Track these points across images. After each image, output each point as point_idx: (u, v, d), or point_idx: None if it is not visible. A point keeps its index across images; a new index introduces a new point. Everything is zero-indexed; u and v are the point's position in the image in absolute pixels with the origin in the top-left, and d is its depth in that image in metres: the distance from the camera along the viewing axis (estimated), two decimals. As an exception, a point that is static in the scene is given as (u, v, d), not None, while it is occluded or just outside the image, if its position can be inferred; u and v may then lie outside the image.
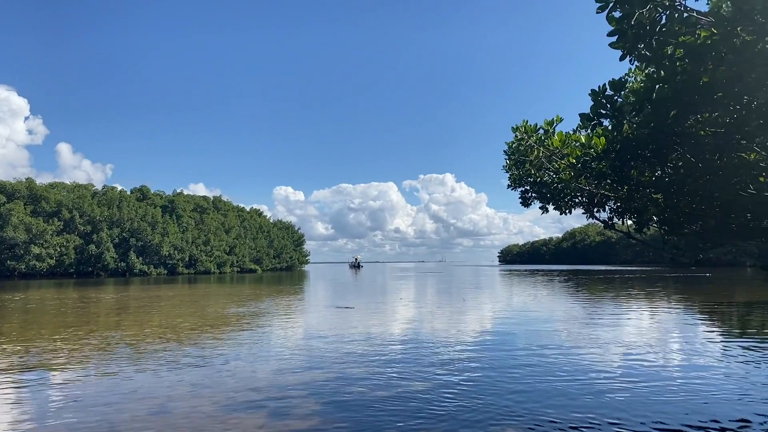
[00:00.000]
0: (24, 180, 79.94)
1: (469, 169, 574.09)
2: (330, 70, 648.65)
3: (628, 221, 8.12)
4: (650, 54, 4.30)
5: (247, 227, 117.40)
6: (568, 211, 8.33)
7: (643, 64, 6.07)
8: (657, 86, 4.68)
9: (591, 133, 6.45)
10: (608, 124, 5.68)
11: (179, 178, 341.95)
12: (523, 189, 8.71)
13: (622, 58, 4.39)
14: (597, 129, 5.95)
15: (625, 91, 5.36)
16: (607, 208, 8.11)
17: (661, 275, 60.27)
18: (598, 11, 4.19)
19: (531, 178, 8.28)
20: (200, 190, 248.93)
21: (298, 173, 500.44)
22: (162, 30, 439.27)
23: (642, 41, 4.19)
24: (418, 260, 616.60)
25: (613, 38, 4.27)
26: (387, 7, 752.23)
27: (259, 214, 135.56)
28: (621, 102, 5.19)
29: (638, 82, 6.69)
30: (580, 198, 8.05)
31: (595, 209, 8.07)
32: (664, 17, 4.09)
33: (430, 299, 30.12)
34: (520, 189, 8.76)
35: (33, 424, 7.35)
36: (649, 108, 4.85)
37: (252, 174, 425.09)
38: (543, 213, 8.83)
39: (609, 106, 5.05)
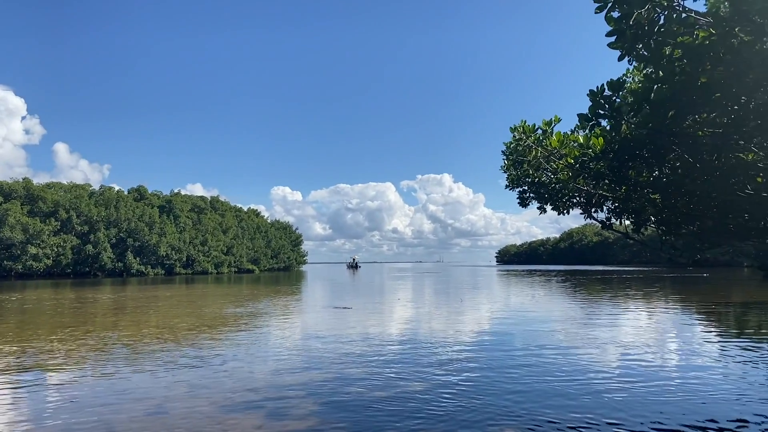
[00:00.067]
0: (21, 180, 79.77)
1: (466, 170, 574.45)
2: (328, 69, 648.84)
3: (625, 221, 8.13)
4: (649, 54, 4.30)
5: (245, 227, 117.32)
6: (566, 212, 8.34)
7: (641, 64, 6.09)
8: (655, 87, 4.68)
9: (589, 134, 6.46)
10: (606, 124, 5.69)
11: (177, 178, 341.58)
12: (521, 189, 8.71)
13: (621, 58, 4.39)
14: (595, 129, 5.96)
15: (623, 91, 5.37)
16: (605, 208, 8.12)
17: (658, 275, 60.40)
18: (597, 11, 4.19)
19: (529, 179, 8.29)
20: (198, 190, 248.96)
21: (295, 173, 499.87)
22: (160, 30, 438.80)
23: (640, 41, 4.19)
24: (416, 260, 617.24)
25: (612, 38, 4.27)
26: (385, 7, 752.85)
27: (257, 214, 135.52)
28: (619, 102, 5.19)
29: (636, 82, 6.70)
30: (578, 198, 8.05)
31: (593, 209, 8.08)
32: (662, 17, 4.10)
33: (428, 299, 30.12)
34: (518, 189, 8.77)
35: (30, 425, 7.32)
36: (647, 108, 4.85)
37: (249, 174, 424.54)
38: (541, 213, 8.83)
39: (607, 106, 5.06)
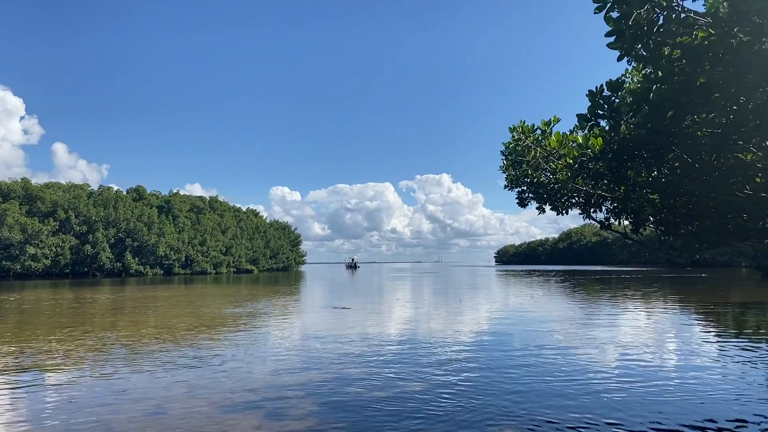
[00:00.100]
0: (19, 180, 79.66)
1: (465, 170, 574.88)
2: (326, 69, 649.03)
3: (624, 222, 8.13)
4: (648, 54, 4.30)
5: (244, 227, 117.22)
6: (564, 212, 8.34)
7: (640, 64, 6.09)
8: (654, 87, 4.69)
9: (588, 134, 6.46)
10: (605, 124, 5.69)
11: (175, 178, 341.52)
12: (520, 189, 8.71)
13: (620, 58, 4.39)
14: (594, 129, 5.96)
15: (622, 91, 5.37)
16: (604, 208, 8.12)
17: (657, 275, 60.44)
18: (596, 11, 4.19)
19: (528, 179, 8.29)
20: (196, 190, 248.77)
21: (294, 173, 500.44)
22: (158, 30, 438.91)
23: (640, 41, 4.19)
24: (415, 261, 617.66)
25: (611, 38, 4.28)
26: (384, 7, 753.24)
27: (256, 214, 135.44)
28: (618, 103, 5.20)
29: (635, 82, 6.71)
30: (577, 198, 8.06)
31: (592, 210, 8.08)
32: (661, 18, 4.10)
33: (427, 300, 30.12)
34: (517, 189, 8.77)
35: (28, 426, 7.31)
36: (646, 109, 4.86)
37: (248, 174, 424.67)
38: (540, 213, 8.83)
39: (606, 106, 5.06)
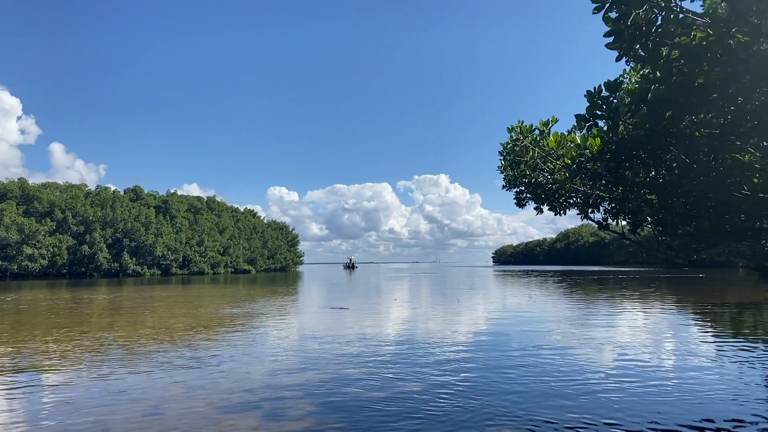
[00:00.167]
0: (16, 180, 79.48)
1: (463, 170, 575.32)
2: (324, 70, 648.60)
3: (622, 222, 8.15)
4: (646, 55, 4.31)
5: (241, 228, 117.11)
6: (562, 212, 8.35)
7: (638, 65, 6.10)
8: (652, 87, 4.69)
9: (586, 134, 6.46)
10: (603, 125, 5.70)
11: (173, 178, 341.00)
12: (518, 190, 8.71)
13: (619, 58, 4.39)
14: (592, 130, 5.97)
15: (620, 92, 5.38)
16: (602, 209, 8.13)
17: (654, 276, 60.56)
18: (595, 12, 4.19)
19: (526, 179, 8.30)
20: (194, 190, 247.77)
21: (292, 174, 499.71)
22: (156, 30, 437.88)
23: (638, 42, 4.19)
24: (413, 261, 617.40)
25: (610, 39, 4.28)
26: (382, 7, 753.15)
27: (253, 214, 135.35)
28: (616, 103, 5.20)
29: (633, 83, 6.72)
30: (575, 199, 8.07)
31: (590, 210, 8.09)
32: (660, 18, 4.10)
33: (425, 300, 30.12)
34: (515, 190, 8.78)
35: (25, 427, 7.28)
36: (644, 109, 4.86)
37: (246, 174, 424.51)
38: (538, 214, 8.84)
39: (605, 107, 5.06)
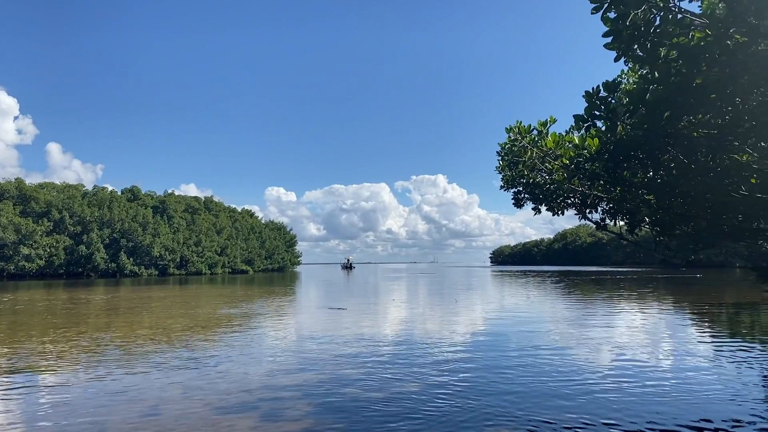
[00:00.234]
0: (13, 180, 79.31)
1: (461, 171, 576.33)
2: (322, 70, 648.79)
3: (620, 222, 8.15)
4: (645, 55, 4.30)
5: (239, 228, 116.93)
6: (560, 212, 8.34)
7: (636, 65, 6.10)
8: (651, 88, 4.69)
9: (585, 134, 6.46)
10: (602, 125, 5.69)
11: (170, 178, 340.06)
12: (516, 190, 8.71)
13: (617, 59, 4.39)
14: (591, 130, 5.97)
15: (618, 92, 5.38)
16: (600, 209, 8.13)
17: (652, 276, 60.66)
18: (593, 12, 4.19)
19: (524, 179, 8.29)
20: (191, 190, 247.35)
21: (290, 174, 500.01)
22: (154, 30, 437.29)
23: (637, 42, 4.19)
24: (410, 261, 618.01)
25: (608, 39, 4.27)
26: (380, 7, 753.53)
27: (251, 214, 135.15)
28: (615, 103, 5.20)
29: (631, 83, 6.72)
30: (573, 199, 8.07)
31: (588, 210, 8.09)
32: (658, 18, 4.10)
33: (423, 300, 30.12)
34: (513, 190, 8.77)
35: (22, 428, 7.25)
36: (642, 109, 4.86)
37: (244, 174, 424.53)
38: (536, 214, 8.83)
39: (603, 107, 5.06)
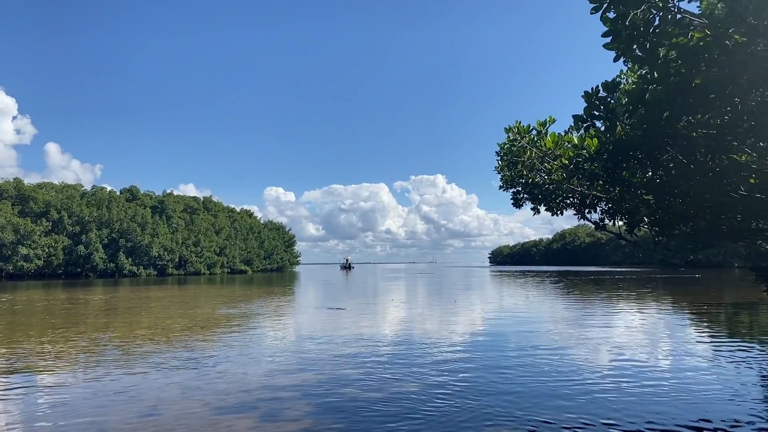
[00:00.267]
0: (12, 180, 79.23)
1: (460, 171, 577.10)
2: (321, 70, 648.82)
3: (619, 222, 8.15)
4: (644, 55, 4.30)
5: (238, 228, 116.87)
6: (559, 212, 8.35)
7: (635, 65, 6.10)
8: (650, 88, 4.69)
9: (584, 135, 6.46)
10: (601, 125, 5.69)
11: (169, 178, 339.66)
12: (515, 190, 8.71)
13: (617, 59, 4.39)
14: (590, 130, 5.97)
15: (617, 92, 5.38)
16: (599, 209, 8.13)
17: (650, 276, 60.71)
18: (592, 12, 4.19)
19: (523, 179, 8.29)
20: (190, 190, 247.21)
21: (289, 174, 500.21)
22: (152, 29, 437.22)
23: (636, 42, 4.19)
24: (409, 261, 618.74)
25: (608, 39, 4.27)
26: (379, 7, 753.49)
27: (250, 214, 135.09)
28: (614, 104, 5.20)
29: (630, 83, 6.72)
30: (572, 199, 8.07)
31: (587, 210, 8.09)
32: (657, 18, 4.10)
33: (422, 300, 30.12)
34: (511, 190, 8.77)
35: (21, 428, 7.24)
36: (641, 110, 4.86)
37: (242, 174, 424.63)
38: (535, 214, 8.84)
39: (602, 107, 5.06)
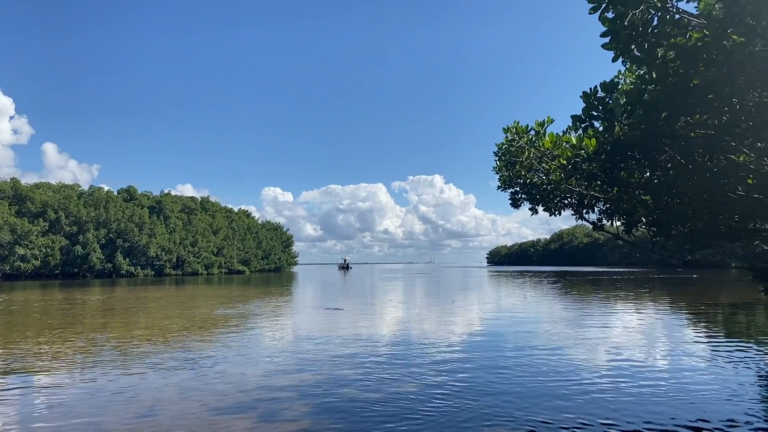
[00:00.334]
0: (9, 180, 78.96)
1: (458, 171, 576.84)
2: (319, 70, 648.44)
3: (616, 223, 8.16)
4: (642, 55, 4.31)
5: (235, 228, 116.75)
6: (557, 213, 8.36)
7: (633, 66, 6.10)
8: (648, 88, 4.69)
9: (582, 135, 6.47)
10: (599, 125, 5.70)
11: (167, 178, 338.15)
12: (513, 190, 8.72)
13: (615, 59, 4.39)
14: (588, 131, 5.97)
15: (615, 93, 5.38)
16: (597, 209, 8.15)
17: (648, 276, 60.82)
18: (591, 12, 4.19)
19: (521, 180, 8.30)
20: (188, 190, 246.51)
21: (286, 174, 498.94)
22: (150, 29, 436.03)
23: (634, 42, 4.19)
24: (407, 261, 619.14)
25: (606, 39, 4.28)
26: (377, 8, 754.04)
27: (248, 215, 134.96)
28: (612, 104, 5.20)
29: (628, 84, 6.73)
30: (570, 199, 8.08)
31: (585, 210, 8.11)
32: (656, 19, 4.11)
33: (419, 300, 30.12)
34: (510, 190, 8.78)
35: (18, 429, 7.21)
36: (640, 110, 4.86)
37: (240, 174, 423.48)
38: (533, 214, 8.85)
39: (600, 107, 5.06)
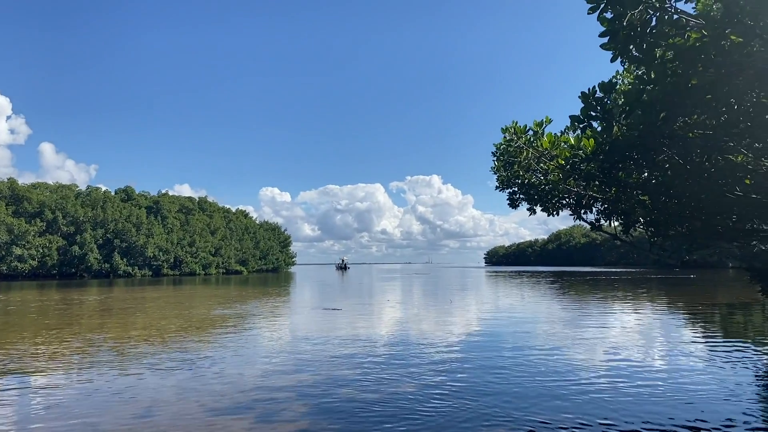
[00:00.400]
0: (6, 180, 78.70)
1: (455, 171, 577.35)
2: (317, 70, 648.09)
3: (614, 223, 8.17)
4: (641, 55, 4.30)
5: (233, 228, 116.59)
6: (555, 213, 8.36)
7: (631, 66, 6.10)
8: (646, 88, 4.69)
9: (580, 135, 6.47)
10: (597, 126, 5.70)
11: (164, 178, 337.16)
12: (512, 190, 8.72)
13: (614, 59, 4.39)
14: (586, 131, 5.97)
15: (614, 93, 5.38)
16: (595, 209, 8.15)
17: (645, 277, 60.93)
18: (590, 12, 4.19)
19: (519, 180, 8.30)
20: (185, 190, 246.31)
21: (284, 174, 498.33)
22: (147, 29, 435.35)
23: (633, 42, 4.19)
24: (405, 261, 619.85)
25: (605, 39, 4.27)
26: (375, 7, 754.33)
27: (245, 215, 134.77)
28: (610, 104, 5.20)
29: (626, 84, 6.74)
30: (568, 199, 8.08)
31: (583, 211, 8.11)
32: (654, 19, 4.10)
33: (417, 301, 30.12)
34: (508, 190, 8.78)
35: (14, 430, 7.18)
36: (638, 110, 4.87)
37: (238, 175, 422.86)
38: (531, 214, 8.85)
39: (599, 108, 5.06)
